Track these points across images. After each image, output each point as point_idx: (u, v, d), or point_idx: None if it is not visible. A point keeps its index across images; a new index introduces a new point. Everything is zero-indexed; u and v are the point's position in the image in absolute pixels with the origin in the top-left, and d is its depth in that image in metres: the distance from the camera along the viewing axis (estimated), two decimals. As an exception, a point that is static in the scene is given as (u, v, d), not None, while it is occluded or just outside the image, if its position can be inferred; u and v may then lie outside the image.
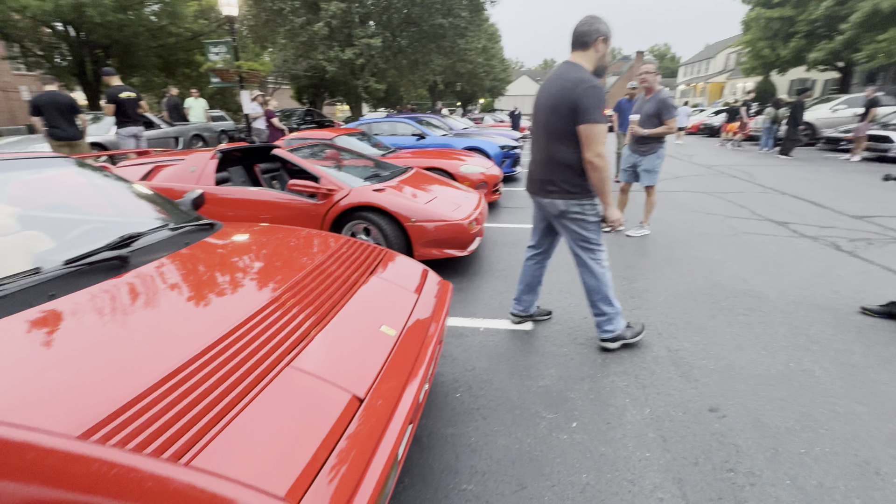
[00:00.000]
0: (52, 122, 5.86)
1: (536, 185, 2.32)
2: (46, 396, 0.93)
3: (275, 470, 0.89)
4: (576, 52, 2.15)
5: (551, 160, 2.20)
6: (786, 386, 2.06)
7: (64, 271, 1.41)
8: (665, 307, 2.89)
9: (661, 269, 3.59)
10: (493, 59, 28.71)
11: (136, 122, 6.63)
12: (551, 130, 2.15)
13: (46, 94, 5.80)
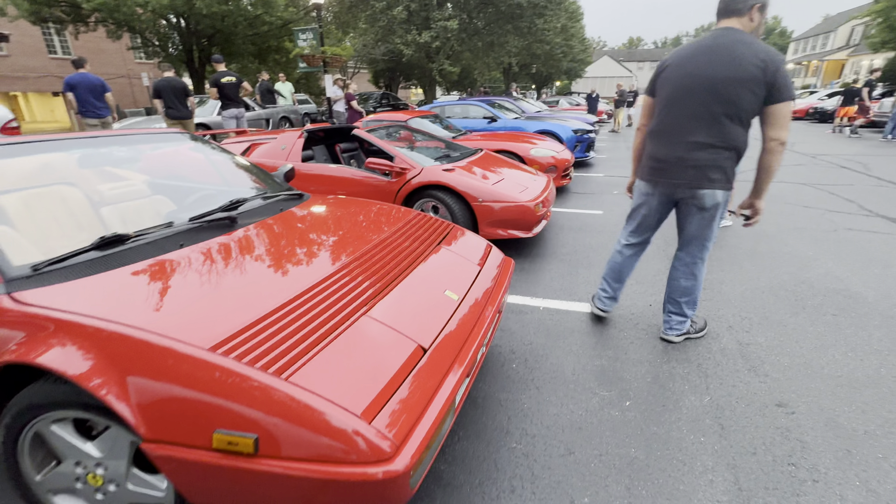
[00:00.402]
0: (169, 104, 6.67)
1: (692, 174, 1.96)
2: (182, 318, 1.17)
3: (353, 394, 1.06)
4: (727, 19, 1.87)
5: (721, 144, 1.89)
6: (872, 390, 1.91)
7: (189, 227, 1.70)
8: (740, 301, 2.75)
9: (740, 262, 3.37)
10: (573, 39, 27.40)
11: (237, 104, 7.25)
12: (725, 110, 1.84)
13: (164, 80, 6.62)
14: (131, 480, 1.18)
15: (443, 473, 1.54)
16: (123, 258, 1.44)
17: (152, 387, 1.04)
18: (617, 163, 8.42)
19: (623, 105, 14.98)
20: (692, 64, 1.90)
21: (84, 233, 1.80)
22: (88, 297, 1.23)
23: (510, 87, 15.24)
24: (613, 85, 15.54)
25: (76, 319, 1.13)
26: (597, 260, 3.49)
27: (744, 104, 1.81)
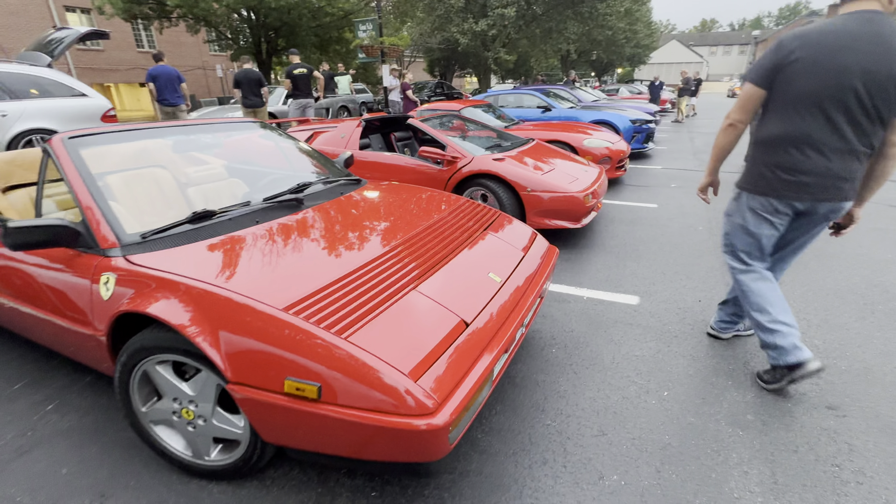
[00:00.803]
0: (245, 93, 7.28)
1: (847, 188, 1.69)
2: (261, 283, 1.36)
3: (402, 356, 1.20)
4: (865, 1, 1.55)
5: (862, 151, 1.64)
6: (940, 401, 1.80)
7: (263, 206, 1.92)
8: (801, 302, 2.62)
9: (805, 262, 3.19)
10: (638, 24, 26.00)
11: (306, 94, 7.74)
12: (883, 113, 1.56)
13: (243, 71, 7.25)
14: (216, 417, 1.40)
15: (480, 441, 1.66)
16: (211, 231, 1.66)
17: (237, 338, 1.23)
18: (678, 154, 8.03)
19: (687, 94, 14.12)
20: (846, 56, 1.53)
21: (173, 210, 2.08)
22: (185, 261, 1.45)
23: (570, 74, 14.70)
24: (680, 72, 14.62)
25: (177, 279, 1.35)
26: (646, 253, 3.43)
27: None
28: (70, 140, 1.79)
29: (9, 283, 1.83)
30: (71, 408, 1.88)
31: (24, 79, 5.15)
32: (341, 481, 1.51)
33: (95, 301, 1.49)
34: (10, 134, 5.00)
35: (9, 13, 16.00)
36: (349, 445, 1.19)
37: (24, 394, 1.97)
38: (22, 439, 1.71)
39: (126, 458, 1.61)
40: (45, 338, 1.86)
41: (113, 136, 2.03)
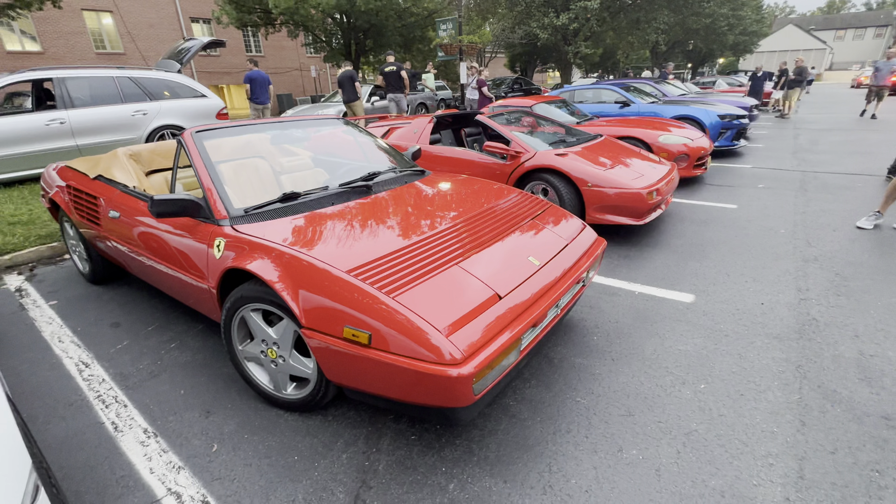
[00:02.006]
0: (345, 90, 8.57)
1: None
2: (332, 251, 1.66)
3: (439, 315, 1.42)
4: None
5: None
6: None
7: (338, 191, 2.24)
8: (882, 312, 2.42)
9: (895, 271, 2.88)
10: (744, 9, 23.53)
11: (397, 90, 8.74)
12: None
13: (345, 72, 8.52)
14: (293, 358, 1.73)
15: (511, 408, 1.83)
16: (296, 209, 2.01)
17: (310, 293, 1.54)
18: (774, 153, 7.33)
19: (799, 85, 12.61)
20: None
21: (269, 192, 2.49)
22: (276, 231, 1.80)
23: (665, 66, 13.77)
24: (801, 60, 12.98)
25: (269, 244, 1.70)
26: (713, 254, 3.31)
27: None
28: (197, 133, 2.25)
29: (148, 245, 2.35)
30: (188, 347, 2.37)
31: (159, 83, 6.17)
32: (388, 424, 1.77)
33: (210, 260, 1.90)
34: (150, 128, 6.03)
35: (148, 25, 18.79)
36: (391, 387, 1.44)
37: (155, 334, 2.51)
38: (153, 366, 2.21)
39: (226, 387, 2.03)
40: (172, 289, 2.36)
41: (227, 130, 2.48)
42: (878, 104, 11.03)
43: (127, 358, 2.29)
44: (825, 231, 3.67)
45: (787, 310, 2.49)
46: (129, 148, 3.06)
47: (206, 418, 1.84)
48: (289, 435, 1.74)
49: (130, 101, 5.87)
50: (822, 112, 13.96)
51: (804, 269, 2.98)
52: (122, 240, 2.56)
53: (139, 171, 2.92)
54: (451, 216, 2.08)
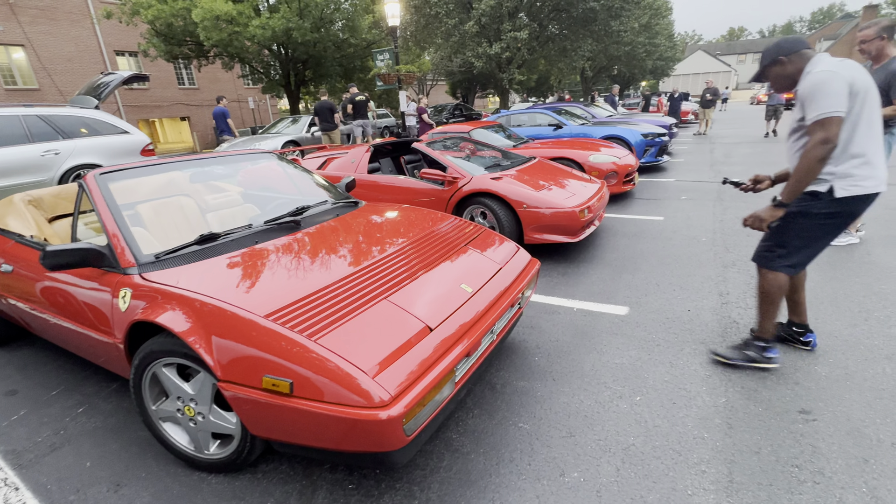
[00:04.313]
0: (322, 120, 9.44)
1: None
2: (249, 294, 1.56)
3: (364, 355, 1.36)
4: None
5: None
6: (918, 406, 1.79)
7: (263, 228, 2.14)
8: (792, 310, 2.62)
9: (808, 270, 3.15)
10: (658, 37, 25.92)
11: (364, 117, 9.81)
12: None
13: (320, 102, 9.45)
14: (213, 414, 1.59)
15: (454, 441, 1.78)
16: (215, 251, 1.89)
17: (225, 341, 1.43)
18: (693, 167, 7.96)
19: (713, 104, 13.91)
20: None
21: (194, 232, 2.34)
22: (190, 277, 1.68)
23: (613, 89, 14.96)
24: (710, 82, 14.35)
25: (180, 292, 1.57)
26: (644, 265, 3.48)
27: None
28: (101, 176, 2.08)
29: (48, 300, 2.12)
30: (98, 411, 2.12)
31: (74, 120, 5.75)
32: (323, 475, 1.66)
33: (115, 312, 1.73)
34: (63, 169, 5.57)
35: (66, 60, 17.64)
36: (318, 436, 1.35)
37: (59, 399, 2.24)
38: (54, 438, 1.96)
39: (141, 454, 1.82)
40: (80, 348, 2.12)
41: (138, 170, 2.32)
42: (776, 122, 12.32)
43: (23, 431, 2.01)
44: (741, 237, 3.98)
45: (711, 314, 2.65)
46: (28, 193, 2.79)
47: (116, 492, 1.64)
48: (213, 501, 1.58)
49: (40, 141, 5.41)
50: (732, 128, 15.44)
51: (724, 275, 3.20)
52: (17, 296, 2.30)
53: (40, 217, 2.65)
54: (381, 248, 2.04)
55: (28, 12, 16.49)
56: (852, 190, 1.82)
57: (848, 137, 1.80)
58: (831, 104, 1.71)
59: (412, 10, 12.80)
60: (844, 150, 1.82)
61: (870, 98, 1.79)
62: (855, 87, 1.75)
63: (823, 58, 1.85)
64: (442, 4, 12.00)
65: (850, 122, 1.78)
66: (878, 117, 1.82)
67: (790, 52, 1.90)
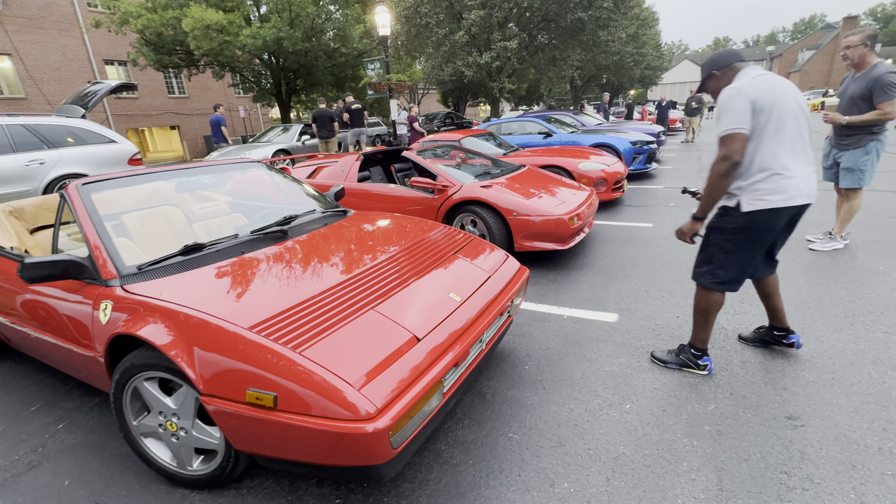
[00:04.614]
0: (319, 127, 9.57)
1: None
2: (234, 305, 1.54)
3: (350, 367, 1.34)
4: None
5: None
6: (903, 410, 1.80)
7: (250, 238, 2.12)
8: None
9: (793, 276, 3.19)
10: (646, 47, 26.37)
11: (361, 125, 9.99)
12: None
13: (319, 110, 9.51)
14: (195, 429, 1.55)
15: (443, 453, 1.76)
16: (200, 261, 1.87)
17: (208, 354, 1.40)
18: (681, 174, 8.06)
19: (699, 113, 14.14)
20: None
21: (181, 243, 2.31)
22: (173, 289, 1.65)
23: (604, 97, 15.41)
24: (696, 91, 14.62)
25: (163, 304, 1.54)
26: (633, 272, 3.50)
27: None
28: (83, 186, 2.05)
29: (27, 312, 2.07)
30: (78, 427, 2.07)
31: (60, 130, 5.68)
32: (310, 490, 1.63)
33: (96, 325, 1.69)
34: (48, 179, 5.49)
35: (53, 69, 17.48)
36: (304, 450, 1.33)
37: (39, 415, 2.18)
38: (32, 455, 1.90)
39: (122, 471, 1.77)
40: (61, 363, 2.07)
41: (123, 180, 2.29)
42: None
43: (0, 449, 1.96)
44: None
45: (700, 321, 2.66)
46: (9, 203, 2.74)
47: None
48: (195, 518, 1.54)
49: (24, 151, 5.33)
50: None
51: (712, 281, 3.21)
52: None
53: (21, 228, 2.61)
54: (369, 257, 2.03)
55: (15, 21, 16.36)
56: (757, 204, 1.85)
57: (753, 153, 1.83)
58: (732, 121, 1.76)
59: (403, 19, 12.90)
60: (750, 166, 1.85)
61: (779, 113, 1.80)
62: (759, 103, 1.77)
63: (746, 73, 1.89)
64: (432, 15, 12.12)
65: (755, 139, 1.81)
66: (796, 130, 1.84)
67: (722, 66, 1.97)
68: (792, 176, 1.83)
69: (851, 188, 3.53)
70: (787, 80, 1.90)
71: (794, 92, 1.87)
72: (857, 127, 3.33)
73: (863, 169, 3.40)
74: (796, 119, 1.84)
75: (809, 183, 1.87)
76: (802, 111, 1.88)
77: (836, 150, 3.57)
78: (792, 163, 1.83)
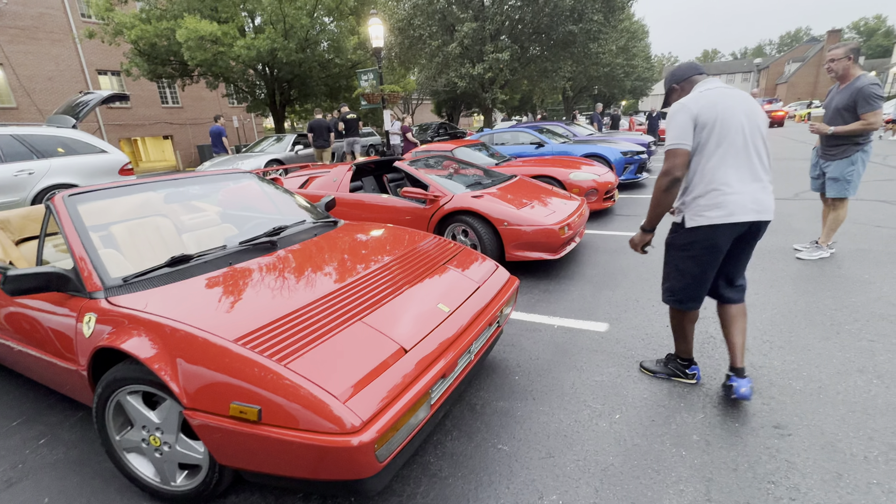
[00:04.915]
0: (315, 137, 9.82)
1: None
2: (220, 318, 1.53)
3: (335, 379, 1.33)
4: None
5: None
6: (888, 418, 1.82)
7: (238, 249, 2.11)
8: (767, 325, 2.66)
9: (780, 285, 3.23)
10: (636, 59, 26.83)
11: (356, 134, 10.23)
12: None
13: (315, 121, 9.79)
14: (179, 443, 1.53)
15: (432, 465, 1.74)
16: (187, 273, 1.85)
17: (192, 367, 1.38)
18: (672, 183, 8.14)
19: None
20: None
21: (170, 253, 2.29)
22: (159, 301, 1.63)
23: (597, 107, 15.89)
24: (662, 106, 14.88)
25: (147, 317, 1.53)
26: (624, 282, 3.52)
27: None
28: (69, 198, 2.04)
29: (13, 325, 2.04)
30: (60, 442, 2.03)
31: (51, 140, 5.65)
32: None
33: (79, 338, 1.67)
34: (37, 189, 5.44)
35: (46, 79, 17.43)
36: (289, 464, 1.31)
37: (20, 430, 2.14)
38: (12, 472, 1.86)
39: (104, 487, 1.74)
40: (44, 377, 2.04)
41: (110, 191, 2.27)
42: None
43: (-22, 465, 1.91)
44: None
45: (689, 330, 2.67)
46: (-6, 214, 2.71)
47: (75, 529, 1.55)
48: (177, 535, 1.50)
49: (13, 161, 5.29)
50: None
51: (701, 290, 3.24)
52: (-22, 322, 2.21)
53: (6, 240, 2.58)
54: (358, 268, 2.02)
55: (7, 31, 16.32)
56: (697, 220, 1.85)
57: (695, 168, 1.83)
58: (673, 137, 1.79)
59: (396, 31, 13.05)
60: (692, 181, 1.85)
61: (722, 128, 1.76)
62: (702, 118, 1.76)
63: (698, 86, 1.89)
64: (425, 27, 12.27)
65: (697, 154, 1.81)
66: (742, 145, 1.78)
67: (681, 79, 1.99)
68: (732, 192, 1.78)
69: (837, 198, 3.59)
70: (741, 94, 1.84)
71: (746, 106, 1.81)
72: (843, 137, 3.40)
73: (848, 179, 3.46)
74: (743, 134, 1.78)
75: (757, 199, 1.80)
76: (754, 125, 1.81)
77: (822, 161, 3.63)
78: (734, 178, 1.78)
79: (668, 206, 1.89)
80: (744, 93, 1.87)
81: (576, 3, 11.38)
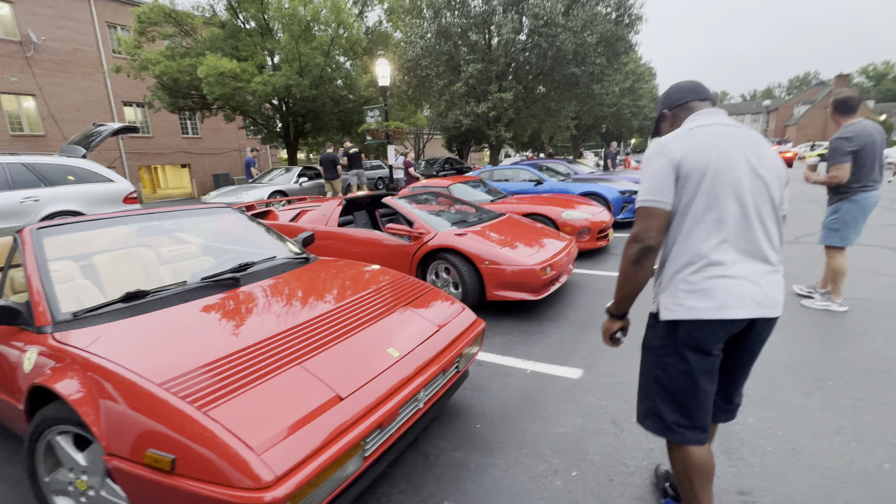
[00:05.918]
0: (325, 170, 10.47)
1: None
2: (153, 359, 1.51)
3: (256, 429, 1.29)
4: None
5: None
6: (864, 487, 1.69)
7: (199, 285, 2.12)
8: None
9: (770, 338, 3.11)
10: (643, 99, 27.34)
11: (360, 167, 10.97)
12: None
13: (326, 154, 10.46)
14: (105, 489, 1.48)
15: (372, 521, 1.66)
16: (140, 309, 1.85)
17: (114, 411, 1.35)
18: (672, 223, 8.09)
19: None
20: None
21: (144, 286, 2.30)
22: (104, 338, 1.62)
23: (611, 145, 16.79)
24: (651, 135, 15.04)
25: (85, 356, 1.51)
26: (606, 325, 3.43)
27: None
28: (37, 231, 2.08)
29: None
30: (4, 478, 1.98)
31: (60, 168, 5.87)
32: (221, 559, 1.52)
33: (20, 374, 1.66)
34: (41, 215, 5.61)
35: (74, 108, 18.35)
36: (201, 519, 1.25)
37: (-31, 462, 2.10)
38: (-51, 508, 1.82)
39: (34, 530, 1.68)
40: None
41: (80, 225, 2.32)
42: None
43: (-84, 500, 1.87)
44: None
45: (665, 380, 2.57)
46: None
47: (-8, 577, 1.49)
48: (93, 589, 1.43)
49: (21, 188, 5.49)
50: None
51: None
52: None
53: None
54: (314, 308, 2.00)
55: (43, 65, 17.34)
56: (676, 311, 1.31)
57: (675, 235, 1.32)
58: (646, 190, 1.31)
59: (405, 70, 13.55)
60: (672, 255, 1.34)
61: (715, 179, 1.25)
62: (685, 167, 1.26)
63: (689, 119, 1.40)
64: (432, 67, 12.73)
65: (679, 216, 1.30)
66: (742, 212, 1.26)
67: (675, 103, 1.47)
68: (731, 274, 1.26)
69: (826, 245, 3.52)
70: (749, 134, 1.32)
71: (754, 152, 1.29)
72: (829, 186, 3.40)
73: (832, 228, 3.42)
74: (746, 188, 1.26)
75: (762, 287, 1.28)
76: (761, 181, 1.27)
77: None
78: (732, 254, 1.27)
79: (640, 283, 1.36)
80: (753, 132, 1.35)
81: (578, 48, 11.73)
